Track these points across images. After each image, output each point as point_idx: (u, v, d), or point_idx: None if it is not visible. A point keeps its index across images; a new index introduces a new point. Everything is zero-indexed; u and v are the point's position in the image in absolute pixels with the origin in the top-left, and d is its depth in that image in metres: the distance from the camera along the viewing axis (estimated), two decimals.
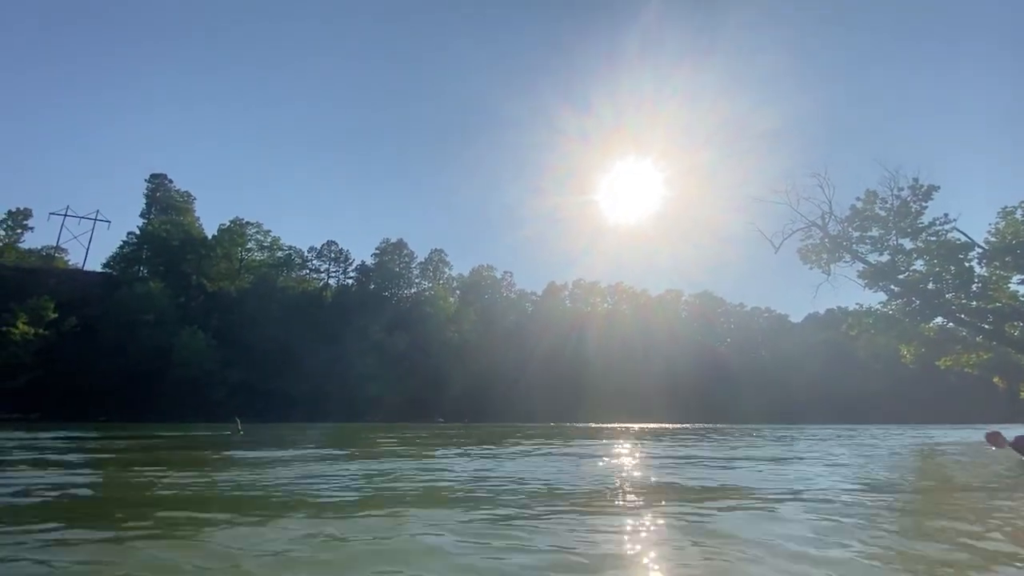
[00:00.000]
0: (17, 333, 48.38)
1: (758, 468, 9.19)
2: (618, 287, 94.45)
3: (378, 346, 65.28)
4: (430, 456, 11.28)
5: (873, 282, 21.13)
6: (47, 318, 50.93)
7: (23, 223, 71.83)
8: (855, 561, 3.15)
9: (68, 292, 56.99)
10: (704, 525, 4.16)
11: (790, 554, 3.26)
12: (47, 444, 13.76)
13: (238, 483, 6.71)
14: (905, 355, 23.13)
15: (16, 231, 71.13)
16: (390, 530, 4.00)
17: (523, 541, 3.62)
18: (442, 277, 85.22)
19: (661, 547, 3.54)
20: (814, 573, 2.89)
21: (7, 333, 47.96)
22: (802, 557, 3.20)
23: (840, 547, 3.47)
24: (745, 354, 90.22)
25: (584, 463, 9.96)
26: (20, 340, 48.40)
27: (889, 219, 20.77)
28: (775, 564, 3.05)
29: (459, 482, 7.02)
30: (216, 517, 4.39)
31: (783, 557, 3.19)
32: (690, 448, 14.26)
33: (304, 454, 11.49)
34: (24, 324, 49.07)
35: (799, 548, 3.41)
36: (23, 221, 71.82)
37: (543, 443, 15.77)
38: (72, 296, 56.41)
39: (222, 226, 70.99)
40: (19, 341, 48.34)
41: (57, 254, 74.14)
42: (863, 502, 5.47)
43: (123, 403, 49.96)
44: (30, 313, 49.95)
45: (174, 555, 3.22)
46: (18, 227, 71.28)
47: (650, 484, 7.08)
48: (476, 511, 4.82)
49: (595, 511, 4.93)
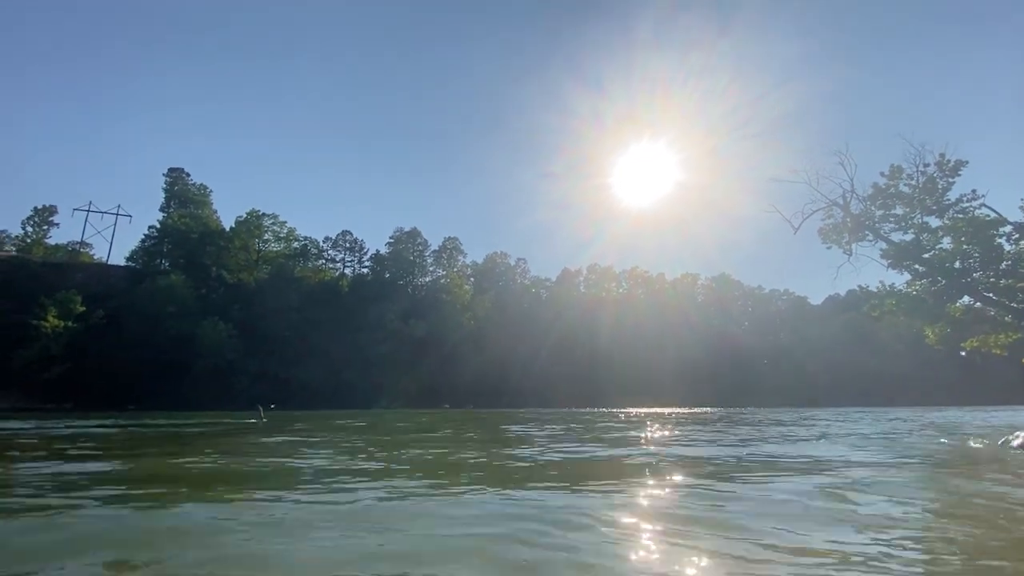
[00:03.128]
0: (48, 326, 49.89)
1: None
2: (633, 272, 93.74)
3: (395, 334, 65.99)
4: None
5: (897, 262, 20.55)
6: (75, 311, 52.38)
7: (49, 219, 73.69)
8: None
9: (94, 286, 58.54)
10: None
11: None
12: (106, 432, 14.21)
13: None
14: (930, 336, 22.56)
15: (43, 227, 73.02)
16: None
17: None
18: (456, 265, 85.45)
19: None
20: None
21: (39, 326, 49.49)
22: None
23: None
24: (763, 337, 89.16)
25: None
26: (51, 333, 49.93)
27: (914, 196, 20.12)
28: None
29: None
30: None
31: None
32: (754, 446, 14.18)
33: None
34: (54, 317, 50.57)
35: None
36: (49, 218, 73.67)
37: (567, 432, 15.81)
38: (98, 289, 57.92)
39: (239, 218, 72.02)
40: (50, 334, 49.87)
41: (82, 249, 75.95)
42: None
43: (150, 392, 51.43)
44: (59, 307, 51.42)
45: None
46: (44, 223, 73.15)
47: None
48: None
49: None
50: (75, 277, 59.40)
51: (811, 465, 5.99)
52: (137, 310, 55.71)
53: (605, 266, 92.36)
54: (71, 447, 9.46)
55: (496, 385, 65.01)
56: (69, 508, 4.13)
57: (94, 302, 54.36)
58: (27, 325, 49.28)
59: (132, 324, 54.77)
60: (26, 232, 71.99)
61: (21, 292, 52.96)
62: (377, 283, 76.34)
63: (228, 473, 6.19)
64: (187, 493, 4.79)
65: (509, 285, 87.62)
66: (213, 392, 53.17)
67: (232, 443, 10.72)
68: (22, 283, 54.94)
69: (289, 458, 7.93)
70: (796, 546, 2.87)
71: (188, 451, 8.80)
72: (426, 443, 10.75)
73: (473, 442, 11.08)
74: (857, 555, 2.77)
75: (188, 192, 73.63)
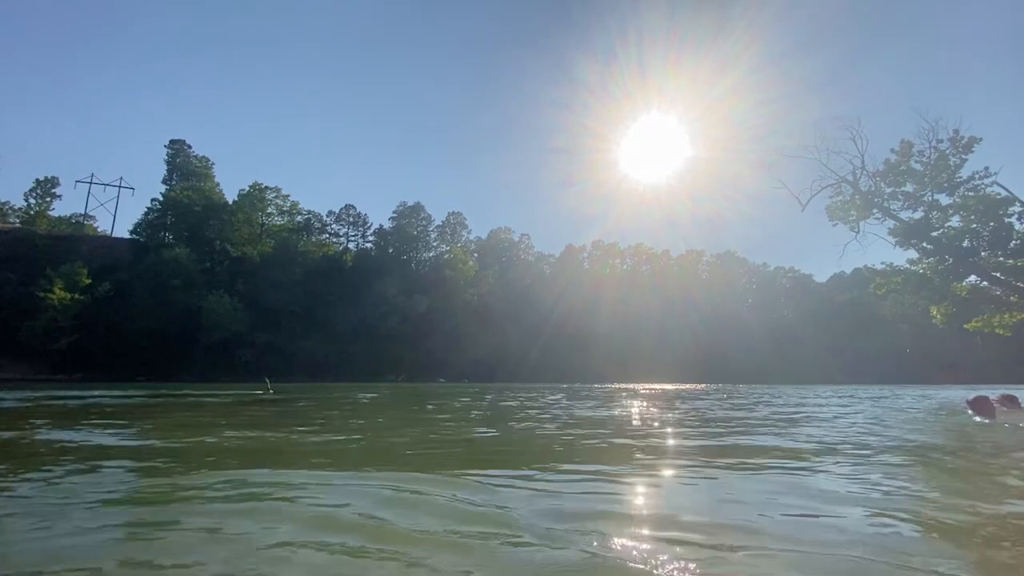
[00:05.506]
0: (55, 298, 50.41)
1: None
2: (637, 248, 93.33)
3: (398, 308, 66.36)
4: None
5: (904, 240, 20.36)
6: (82, 284, 52.82)
7: (51, 192, 73.70)
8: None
9: (100, 258, 58.86)
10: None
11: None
12: (126, 401, 14.44)
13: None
14: (935, 315, 22.50)
15: (45, 199, 73.06)
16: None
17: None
18: (460, 240, 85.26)
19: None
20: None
21: (46, 298, 50.00)
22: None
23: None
24: (767, 314, 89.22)
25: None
26: (59, 305, 50.47)
27: (925, 173, 19.80)
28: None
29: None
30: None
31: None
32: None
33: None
34: (61, 290, 51.03)
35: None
36: (51, 190, 73.68)
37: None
38: (104, 262, 58.26)
39: (242, 191, 71.73)
40: (58, 306, 50.41)
41: (86, 221, 76.12)
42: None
43: (158, 364, 52.26)
44: (65, 279, 51.82)
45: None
46: (47, 195, 73.18)
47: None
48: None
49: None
50: (80, 249, 59.68)
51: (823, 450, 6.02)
52: (143, 282, 56.13)
53: (609, 242, 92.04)
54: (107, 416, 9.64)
55: (499, 360, 65.59)
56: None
57: (100, 274, 54.75)
58: (34, 297, 49.80)
59: (138, 296, 55.28)
60: (28, 204, 72.13)
61: (26, 264, 53.39)
62: (381, 258, 76.41)
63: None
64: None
65: (513, 261, 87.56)
66: (220, 364, 53.98)
67: (250, 413, 10.89)
68: (27, 255, 55.32)
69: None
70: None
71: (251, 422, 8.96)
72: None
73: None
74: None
75: (190, 164, 73.23)
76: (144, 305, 54.73)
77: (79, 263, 53.94)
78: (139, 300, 55.01)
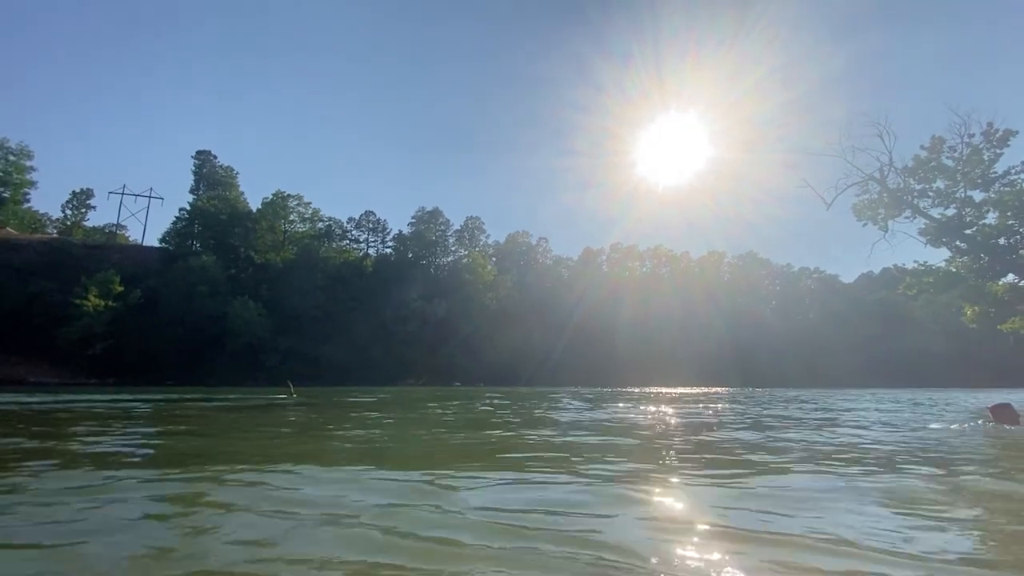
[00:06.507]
0: (90, 305, 52.16)
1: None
2: (657, 250, 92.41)
3: (417, 313, 66.88)
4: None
5: (936, 238, 19.76)
6: (114, 291, 54.53)
7: (86, 203, 76.47)
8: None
9: (131, 266, 60.69)
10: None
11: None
12: (168, 406, 14.93)
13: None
14: (968, 316, 21.77)
15: (81, 210, 75.86)
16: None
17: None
18: (478, 244, 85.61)
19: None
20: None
21: (81, 305, 51.78)
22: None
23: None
24: (791, 317, 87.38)
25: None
26: (93, 312, 52.20)
27: (957, 169, 19.20)
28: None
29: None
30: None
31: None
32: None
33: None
34: (95, 297, 52.79)
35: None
36: (86, 201, 76.44)
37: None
38: (135, 270, 60.05)
39: (265, 199, 73.26)
40: (92, 313, 52.15)
41: (118, 231, 78.68)
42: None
43: (186, 368, 53.57)
44: (99, 287, 53.58)
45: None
46: (82, 207, 75.97)
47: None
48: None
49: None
50: (112, 258, 61.65)
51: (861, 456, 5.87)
52: (172, 289, 57.68)
53: (628, 245, 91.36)
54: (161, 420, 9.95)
55: (517, 364, 65.52)
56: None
57: (131, 282, 56.44)
58: (70, 304, 51.61)
59: (167, 303, 56.81)
60: (65, 215, 74.95)
61: (64, 273, 55.34)
62: (400, 263, 77.20)
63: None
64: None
65: (531, 264, 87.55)
66: (244, 368, 55.08)
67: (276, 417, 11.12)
68: (64, 264, 57.36)
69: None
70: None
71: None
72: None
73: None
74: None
75: (216, 174, 75.15)
76: (173, 311, 56.22)
77: (112, 271, 55.72)
78: (168, 306, 56.53)
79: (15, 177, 61.77)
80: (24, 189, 63.86)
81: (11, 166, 61.27)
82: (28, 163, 62.62)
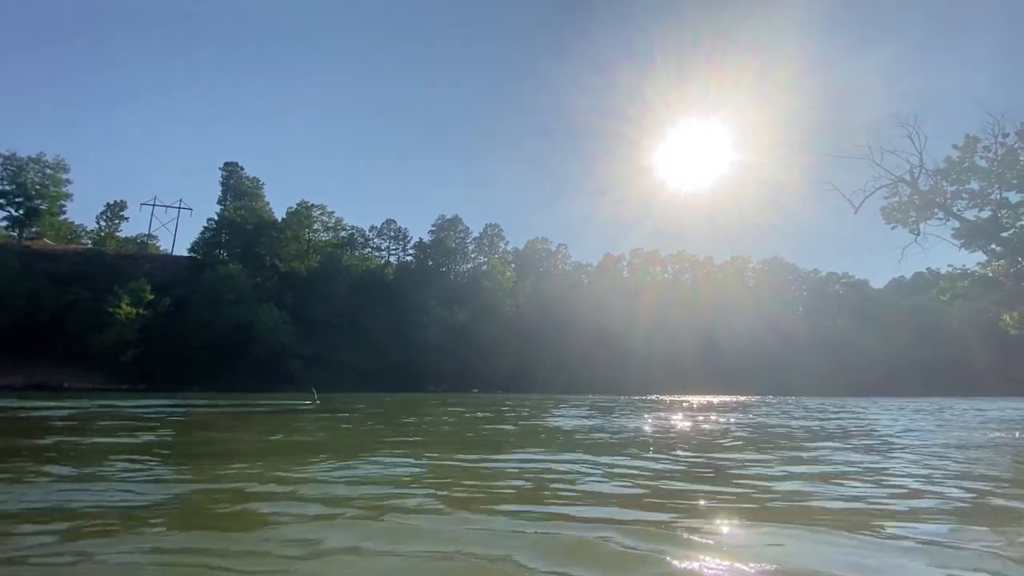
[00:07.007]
0: (123, 313, 53.97)
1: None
2: (679, 255, 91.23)
3: (438, 320, 67.27)
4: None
5: (971, 241, 19.00)
6: (145, 299, 56.32)
7: (120, 214, 79.36)
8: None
9: (161, 275, 62.60)
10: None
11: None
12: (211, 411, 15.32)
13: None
14: (1007, 321, 20.85)
15: (114, 221, 78.73)
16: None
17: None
18: (497, 251, 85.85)
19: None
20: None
21: (114, 313, 53.61)
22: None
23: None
24: (819, 323, 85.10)
25: None
26: (125, 320, 53.98)
27: (992, 170, 18.48)
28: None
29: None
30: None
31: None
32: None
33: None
34: (127, 305, 54.61)
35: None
36: (120, 212, 79.31)
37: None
38: (165, 279, 61.91)
39: (290, 209, 74.84)
40: (124, 321, 53.92)
41: (150, 241, 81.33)
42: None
43: (213, 374, 54.84)
44: (131, 295, 55.41)
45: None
46: (115, 218, 78.84)
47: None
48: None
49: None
50: (144, 267, 63.70)
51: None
52: (200, 298, 59.27)
53: (650, 250, 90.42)
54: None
55: (537, 371, 65.22)
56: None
57: (161, 290, 58.19)
58: (104, 312, 53.46)
59: (195, 311, 58.37)
60: (100, 226, 77.86)
61: (98, 282, 57.37)
62: (420, 270, 77.91)
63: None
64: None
65: (550, 271, 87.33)
66: (268, 375, 56.10)
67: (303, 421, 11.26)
68: (98, 274, 59.47)
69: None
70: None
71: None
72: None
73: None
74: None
75: (242, 185, 77.17)
76: (201, 319, 57.72)
77: (143, 280, 57.54)
78: (196, 314, 58.06)
79: (52, 190, 64.44)
80: (60, 201, 66.57)
81: (48, 179, 63.96)
82: (64, 176, 65.33)
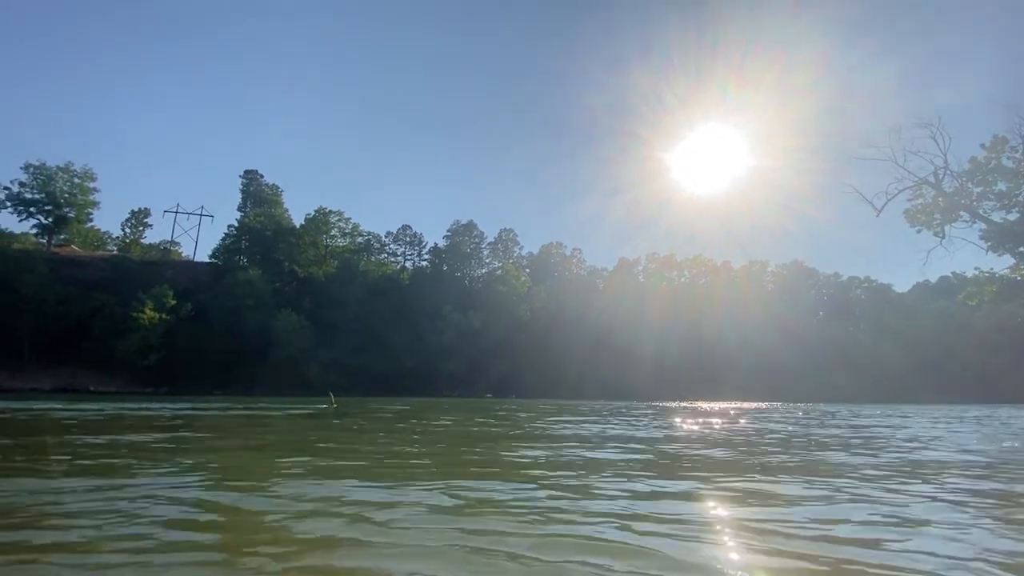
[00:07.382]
0: (146, 318, 55.28)
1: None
2: (696, 260, 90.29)
3: (454, 325, 67.53)
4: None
5: (998, 244, 18.50)
6: (168, 304, 57.64)
7: (144, 221, 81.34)
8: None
9: (183, 281, 64.02)
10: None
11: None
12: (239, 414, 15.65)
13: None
14: None
15: (138, 228, 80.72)
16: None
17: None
18: (512, 256, 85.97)
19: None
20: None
21: (138, 318, 54.93)
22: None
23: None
24: (840, 328, 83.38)
25: None
26: (148, 324, 55.29)
27: (1020, 171, 18.03)
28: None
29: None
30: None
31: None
32: None
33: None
34: (151, 310, 55.93)
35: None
36: (144, 220, 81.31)
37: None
38: (186, 284, 63.31)
39: (308, 216, 75.99)
40: (148, 325, 55.24)
41: (172, 247, 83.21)
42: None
43: (233, 378, 55.83)
44: (154, 301, 56.76)
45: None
46: (140, 225, 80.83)
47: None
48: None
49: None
50: (166, 273, 65.17)
51: None
52: (220, 303, 60.45)
53: (666, 255, 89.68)
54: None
55: (551, 376, 65.06)
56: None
57: (183, 296, 59.52)
58: (128, 317, 54.82)
59: (216, 316, 59.53)
60: (124, 233, 79.91)
61: (122, 287, 58.86)
62: (436, 275, 78.36)
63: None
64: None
65: (564, 275, 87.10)
66: (286, 379, 56.87)
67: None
68: (123, 279, 61.01)
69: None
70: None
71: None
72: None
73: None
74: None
75: (262, 192, 78.59)
76: (221, 324, 58.84)
77: (166, 286, 58.92)
78: (217, 319, 59.21)
79: (79, 198, 66.37)
80: (88, 209, 68.51)
81: (76, 188, 65.92)
82: (91, 184, 67.27)
